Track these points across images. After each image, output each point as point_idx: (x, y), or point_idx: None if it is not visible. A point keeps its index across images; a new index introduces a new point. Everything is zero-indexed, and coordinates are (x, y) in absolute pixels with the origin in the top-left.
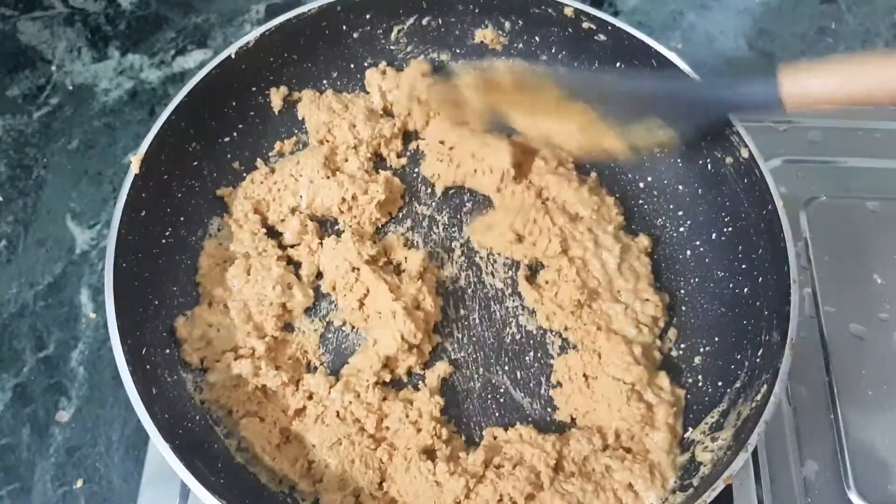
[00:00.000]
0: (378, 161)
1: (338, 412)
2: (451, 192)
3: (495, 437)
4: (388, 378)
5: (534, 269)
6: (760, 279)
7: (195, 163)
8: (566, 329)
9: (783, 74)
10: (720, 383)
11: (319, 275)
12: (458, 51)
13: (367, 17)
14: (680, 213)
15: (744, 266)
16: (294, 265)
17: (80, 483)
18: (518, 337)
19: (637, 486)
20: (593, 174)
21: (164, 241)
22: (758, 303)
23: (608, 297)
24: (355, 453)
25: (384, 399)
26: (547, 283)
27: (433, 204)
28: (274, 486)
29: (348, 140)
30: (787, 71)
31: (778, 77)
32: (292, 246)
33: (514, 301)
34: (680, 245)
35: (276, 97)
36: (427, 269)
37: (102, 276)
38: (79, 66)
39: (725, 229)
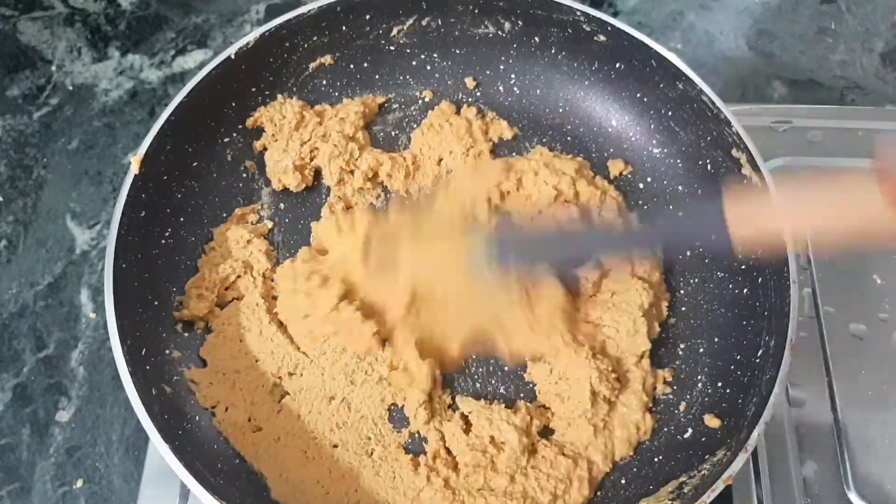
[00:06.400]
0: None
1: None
2: None
3: None
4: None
5: None
6: (760, 279)
7: (195, 163)
8: None
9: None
10: (720, 384)
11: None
12: (457, 51)
13: (367, 17)
14: (680, 213)
15: (743, 266)
16: None
17: (80, 483)
18: None
19: None
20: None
21: (164, 241)
22: (757, 303)
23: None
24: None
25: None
26: None
27: None
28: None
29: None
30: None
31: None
32: None
33: None
34: None
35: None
36: None
37: (102, 276)
38: (79, 66)
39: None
